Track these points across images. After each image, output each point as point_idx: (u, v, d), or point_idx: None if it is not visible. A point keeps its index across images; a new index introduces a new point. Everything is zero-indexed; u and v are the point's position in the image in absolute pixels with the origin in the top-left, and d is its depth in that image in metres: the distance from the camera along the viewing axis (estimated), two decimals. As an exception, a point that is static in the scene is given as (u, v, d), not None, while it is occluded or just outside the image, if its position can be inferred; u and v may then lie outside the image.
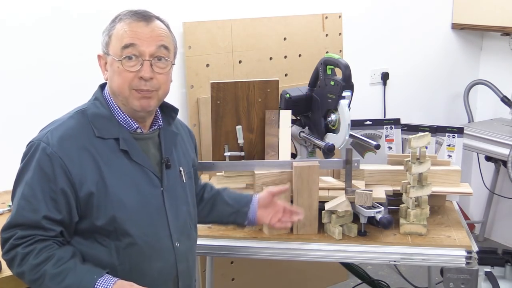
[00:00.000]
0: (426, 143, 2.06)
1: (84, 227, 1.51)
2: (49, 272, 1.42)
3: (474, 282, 1.99)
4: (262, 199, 1.88)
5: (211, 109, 2.44)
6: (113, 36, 1.52)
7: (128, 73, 1.50)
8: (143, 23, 1.51)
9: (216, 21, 2.71)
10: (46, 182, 1.45)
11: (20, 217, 1.45)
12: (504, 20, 3.35)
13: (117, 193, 1.50)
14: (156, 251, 1.57)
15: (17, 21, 2.27)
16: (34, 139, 1.51)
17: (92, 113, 1.54)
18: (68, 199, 1.46)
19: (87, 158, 1.48)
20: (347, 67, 2.20)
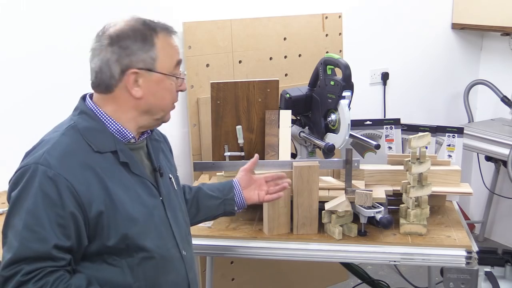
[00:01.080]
0: (426, 143, 2.06)
1: (93, 250, 1.41)
2: None
3: (474, 282, 1.99)
4: (242, 180, 1.88)
5: (211, 109, 2.44)
6: (161, 52, 1.45)
7: (175, 89, 1.50)
8: (176, 37, 1.51)
9: (216, 21, 2.71)
10: (51, 207, 1.33)
11: (26, 250, 1.31)
12: (504, 20, 3.35)
13: (126, 209, 1.43)
14: (169, 263, 1.52)
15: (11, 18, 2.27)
16: (28, 163, 1.38)
17: (83, 127, 1.44)
18: (78, 223, 1.36)
19: (90, 175, 1.39)
20: (347, 67, 2.20)
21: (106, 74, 1.44)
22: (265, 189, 1.89)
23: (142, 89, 1.45)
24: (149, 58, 1.44)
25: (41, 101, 2.35)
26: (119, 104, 1.47)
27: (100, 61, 1.44)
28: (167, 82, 1.48)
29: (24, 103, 2.33)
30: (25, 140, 2.31)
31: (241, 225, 2.18)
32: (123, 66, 1.43)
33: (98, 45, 1.45)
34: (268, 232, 2.10)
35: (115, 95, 1.46)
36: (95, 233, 1.40)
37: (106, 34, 1.45)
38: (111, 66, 1.43)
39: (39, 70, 2.34)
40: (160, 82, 1.47)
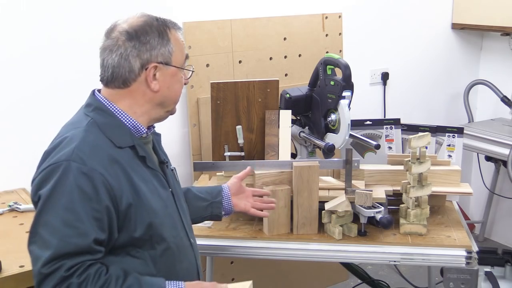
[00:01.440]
0: (426, 143, 2.06)
1: (120, 242, 1.44)
2: None
3: (474, 282, 1.99)
4: (232, 186, 1.91)
5: (211, 109, 2.44)
6: (175, 47, 1.51)
7: (183, 82, 1.57)
8: (181, 33, 1.57)
9: (216, 21, 2.71)
10: (87, 202, 1.36)
11: (67, 246, 1.33)
12: (504, 20, 3.35)
13: (148, 200, 1.47)
14: (182, 252, 1.58)
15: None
16: (57, 160, 1.39)
17: (102, 123, 1.47)
18: (111, 216, 1.40)
19: (118, 169, 1.43)
20: (347, 67, 2.20)
21: (125, 68, 1.47)
22: (251, 202, 1.93)
23: (159, 83, 1.50)
24: (167, 52, 1.49)
25: (39, 101, 2.35)
26: (135, 98, 1.50)
27: (118, 57, 1.46)
28: (180, 75, 1.54)
29: (25, 108, 2.33)
30: (25, 141, 2.33)
31: (241, 225, 2.18)
32: (143, 60, 1.47)
33: (112, 41, 1.47)
34: (268, 232, 2.10)
35: (131, 89, 1.49)
36: (123, 225, 1.43)
37: (120, 31, 1.47)
38: (131, 60, 1.46)
39: (35, 71, 2.34)
40: (174, 75, 1.52)
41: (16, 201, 2.15)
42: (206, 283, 1.51)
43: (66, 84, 2.39)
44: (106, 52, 1.48)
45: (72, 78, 2.40)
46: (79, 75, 2.39)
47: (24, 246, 1.84)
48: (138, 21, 1.49)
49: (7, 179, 2.31)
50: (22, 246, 1.83)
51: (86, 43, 2.40)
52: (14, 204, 2.13)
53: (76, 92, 2.39)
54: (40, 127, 2.35)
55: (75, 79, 2.39)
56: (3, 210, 2.10)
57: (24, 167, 2.32)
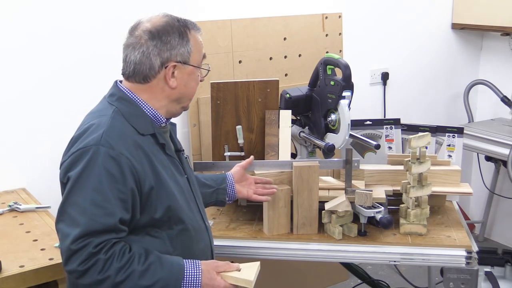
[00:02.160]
0: (426, 143, 2.06)
1: (142, 223, 1.54)
2: (137, 270, 1.46)
3: (474, 282, 1.99)
4: (236, 174, 2.03)
5: (211, 109, 2.44)
6: (194, 47, 1.61)
7: (199, 80, 1.67)
8: (201, 34, 1.66)
9: (216, 21, 2.71)
10: (114, 184, 1.46)
11: (95, 224, 1.43)
12: (504, 20, 3.35)
13: (168, 184, 1.57)
14: (199, 233, 1.68)
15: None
16: (86, 145, 1.48)
17: (126, 112, 1.57)
18: (135, 198, 1.50)
19: (142, 154, 1.53)
20: (347, 67, 2.20)
21: (146, 66, 1.57)
22: (253, 189, 2.03)
23: (177, 80, 1.60)
24: (186, 52, 1.59)
25: (40, 102, 2.35)
26: (153, 93, 1.60)
27: (141, 54, 1.56)
28: (197, 73, 1.65)
29: (25, 108, 2.33)
30: (25, 142, 2.33)
31: (241, 225, 2.18)
32: (163, 59, 1.57)
33: (135, 40, 1.57)
34: (268, 232, 2.10)
35: (151, 85, 1.59)
36: (145, 206, 1.54)
37: (142, 30, 1.57)
38: (152, 58, 1.56)
39: (35, 72, 2.34)
40: (192, 74, 1.63)
41: (16, 201, 2.15)
42: (220, 262, 1.61)
43: (67, 86, 2.39)
44: (129, 49, 1.58)
45: (72, 81, 2.40)
46: (80, 78, 2.39)
47: (24, 246, 1.85)
48: (161, 21, 1.58)
49: (7, 179, 2.31)
50: (22, 246, 1.85)
51: (89, 47, 2.40)
52: (14, 204, 2.13)
53: (77, 93, 2.40)
54: (40, 127, 2.35)
55: (76, 81, 2.39)
56: (3, 210, 2.10)
57: (24, 167, 2.34)
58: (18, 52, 2.28)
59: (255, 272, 1.59)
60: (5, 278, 1.66)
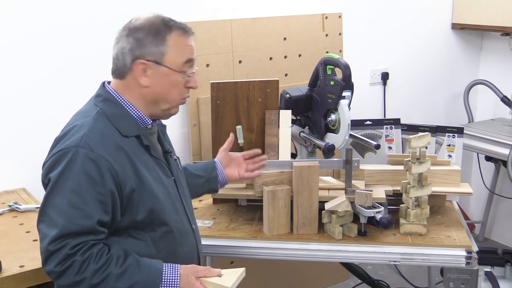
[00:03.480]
0: (426, 143, 2.06)
1: (124, 225, 1.54)
2: (113, 273, 1.45)
3: (474, 282, 1.99)
4: (222, 159, 2.03)
5: (211, 109, 2.44)
6: (171, 48, 1.56)
7: (183, 85, 1.61)
8: (193, 38, 1.62)
9: (216, 21, 2.71)
10: (93, 186, 1.46)
11: (73, 226, 1.43)
12: (504, 20, 3.35)
13: (151, 187, 1.56)
14: (184, 236, 1.67)
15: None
16: (67, 146, 1.48)
17: (110, 114, 1.57)
18: (115, 200, 1.50)
19: (123, 156, 1.52)
20: (347, 67, 2.20)
21: (121, 61, 1.58)
22: (244, 167, 2.04)
23: (149, 79, 1.57)
24: (158, 52, 1.56)
25: (40, 101, 2.35)
26: (131, 91, 1.60)
27: (117, 49, 1.58)
28: (173, 77, 1.58)
29: (24, 108, 2.33)
30: (25, 141, 2.33)
31: (241, 225, 2.18)
32: (134, 56, 1.56)
33: (119, 35, 1.59)
34: (268, 232, 2.10)
35: (127, 82, 1.59)
36: (126, 208, 1.53)
37: (127, 26, 1.59)
38: (125, 55, 1.56)
39: (35, 72, 2.34)
40: (167, 76, 1.58)
41: (16, 201, 2.15)
42: (199, 267, 1.58)
43: (67, 85, 2.39)
44: (114, 44, 1.60)
45: (72, 81, 2.40)
46: (80, 78, 2.39)
47: (24, 246, 1.85)
48: (145, 20, 1.58)
49: (7, 179, 2.31)
50: (22, 246, 1.85)
51: (86, 46, 2.40)
52: (14, 204, 2.13)
53: (77, 93, 2.40)
54: (41, 127, 2.35)
55: (76, 81, 2.39)
56: (3, 210, 2.10)
57: (24, 167, 2.34)
58: (17, 52, 2.29)
59: (236, 279, 1.55)
60: (5, 278, 1.66)
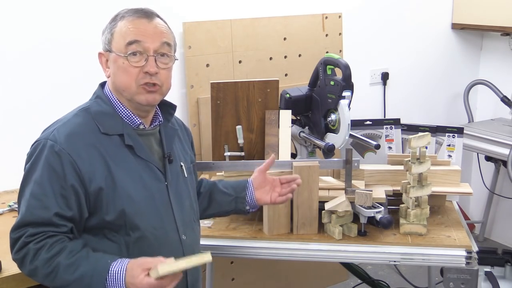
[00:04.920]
0: (426, 143, 2.06)
1: (94, 223, 1.52)
2: (62, 263, 1.43)
3: (474, 282, 1.99)
4: (255, 180, 1.90)
5: (211, 109, 2.44)
6: (116, 34, 1.55)
7: (133, 68, 1.54)
8: (146, 20, 1.55)
9: (216, 21, 2.71)
10: (55, 179, 1.46)
11: (31, 216, 1.45)
12: (504, 20, 3.35)
13: (125, 188, 1.52)
14: (164, 244, 1.60)
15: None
16: (40, 138, 1.52)
17: (95, 110, 1.56)
18: (78, 195, 1.48)
19: (94, 154, 1.50)
20: (347, 67, 2.20)
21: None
22: (278, 191, 1.88)
23: (109, 70, 1.59)
24: (107, 39, 1.57)
25: (41, 102, 2.35)
26: (109, 85, 1.61)
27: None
28: (120, 61, 1.55)
29: (25, 107, 2.33)
30: (25, 141, 2.33)
31: (241, 225, 2.18)
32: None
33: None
34: (268, 232, 2.10)
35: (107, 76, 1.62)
36: (95, 207, 1.51)
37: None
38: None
39: (35, 71, 2.34)
40: (115, 62, 1.56)
41: (16, 201, 2.15)
42: (150, 258, 1.46)
43: (67, 84, 2.39)
44: None
45: (72, 78, 2.40)
46: (80, 75, 2.39)
47: (24, 246, 1.84)
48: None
49: (7, 179, 2.31)
50: (22, 246, 1.84)
51: (86, 42, 2.40)
52: (14, 204, 2.13)
53: (77, 92, 2.39)
54: (41, 127, 2.34)
55: (76, 79, 2.39)
56: (3, 210, 2.10)
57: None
58: (17, 53, 2.29)
59: (191, 259, 1.42)
60: (5, 278, 1.66)
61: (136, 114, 1.59)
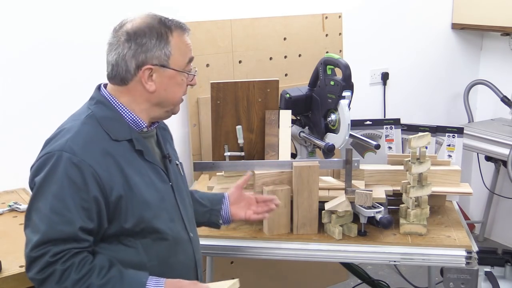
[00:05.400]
0: (426, 143, 2.06)
1: (112, 232, 1.49)
2: (95, 284, 1.40)
3: (474, 282, 1.99)
4: (232, 195, 1.91)
5: (211, 109, 2.44)
6: (175, 49, 1.53)
7: (185, 84, 1.58)
8: (188, 34, 1.59)
9: (216, 21, 2.71)
10: (76, 192, 1.41)
11: (54, 232, 1.39)
12: (504, 20, 3.35)
13: (141, 193, 1.51)
14: (179, 245, 1.61)
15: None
16: (52, 150, 1.45)
17: (101, 117, 1.52)
18: (100, 206, 1.44)
19: (110, 162, 1.47)
20: (347, 67, 2.20)
21: (122, 68, 1.52)
22: (253, 209, 1.91)
23: (155, 84, 1.53)
24: (164, 55, 1.52)
25: (40, 103, 2.35)
26: (133, 96, 1.55)
27: (116, 56, 1.51)
28: (179, 77, 1.56)
29: (25, 107, 2.33)
30: (24, 141, 2.33)
31: (241, 225, 2.18)
32: (138, 62, 1.51)
33: (115, 40, 1.52)
34: (268, 232, 2.10)
35: (129, 88, 1.54)
36: (114, 216, 1.48)
37: (123, 30, 1.52)
38: (127, 61, 1.51)
39: (35, 71, 2.34)
40: (172, 78, 1.55)
41: (16, 201, 2.15)
42: (185, 281, 1.51)
43: (67, 84, 2.39)
44: (108, 49, 1.54)
45: (72, 79, 2.40)
46: (80, 76, 2.39)
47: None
48: (142, 22, 1.53)
49: (7, 179, 2.31)
50: (22, 246, 1.83)
51: (87, 43, 2.40)
52: (14, 204, 2.13)
53: (76, 92, 2.39)
54: (41, 127, 2.34)
55: (76, 79, 2.39)
56: (3, 210, 2.10)
57: (24, 167, 2.31)
58: (17, 51, 2.29)
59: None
60: (5, 278, 1.66)
61: (142, 118, 1.56)
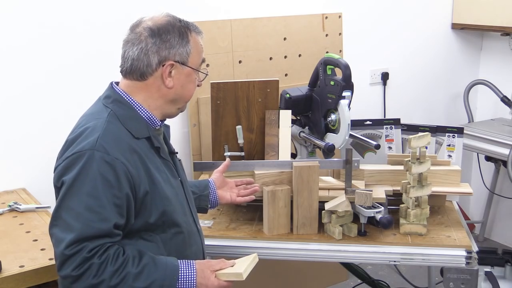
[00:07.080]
0: (426, 143, 2.06)
1: (136, 227, 1.54)
2: (132, 273, 1.46)
3: (474, 282, 1.99)
4: (216, 180, 2.02)
5: (211, 109, 2.44)
6: (193, 49, 1.60)
7: (197, 83, 1.66)
8: (202, 37, 1.66)
9: (216, 21, 2.71)
10: (109, 189, 1.45)
11: (90, 230, 1.43)
12: (504, 20, 3.35)
13: (163, 189, 1.57)
14: (191, 237, 1.68)
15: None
16: (81, 149, 1.47)
17: (122, 115, 1.56)
18: (129, 202, 1.50)
19: (137, 159, 1.52)
20: (347, 67, 2.20)
21: (144, 62, 1.56)
22: (236, 192, 2.03)
23: (173, 80, 1.58)
24: (185, 52, 1.59)
25: (40, 102, 2.35)
26: (150, 92, 1.59)
27: (139, 50, 1.55)
28: (194, 76, 1.63)
29: (25, 107, 2.33)
30: (25, 141, 2.33)
31: (241, 225, 2.18)
32: (161, 57, 1.56)
33: (135, 36, 1.57)
34: (268, 232, 2.10)
35: (147, 83, 1.58)
36: (140, 211, 1.53)
37: (143, 26, 1.57)
38: (150, 56, 1.55)
39: (36, 72, 2.34)
40: (189, 76, 1.61)
41: (16, 201, 2.15)
42: (214, 261, 1.61)
43: (67, 85, 2.39)
44: (128, 45, 1.57)
45: (72, 80, 2.40)
46: (81, 79, 2.39)
47: (24, 246, 1.85)
48: (162, 20, 1.58)
49: (7, 179, 2.31)
50: (22, 246, 1.85)
51: (87, 43, 2.40)
52: (14, 204, 2.13)
53: (77, 93, 2.40)
54: (41, 127, 2.35)
55: (76, 81, 2.39)
56: (3, 210, 2.10)
57: (24, 167, 2.34)
58: (17, 51, 2.28)
59: (247, 264, 1.58)
60: (5, 278, 1.66)
61: (156, 116, 1.62)
